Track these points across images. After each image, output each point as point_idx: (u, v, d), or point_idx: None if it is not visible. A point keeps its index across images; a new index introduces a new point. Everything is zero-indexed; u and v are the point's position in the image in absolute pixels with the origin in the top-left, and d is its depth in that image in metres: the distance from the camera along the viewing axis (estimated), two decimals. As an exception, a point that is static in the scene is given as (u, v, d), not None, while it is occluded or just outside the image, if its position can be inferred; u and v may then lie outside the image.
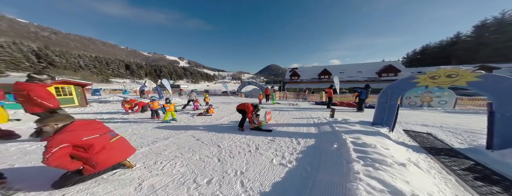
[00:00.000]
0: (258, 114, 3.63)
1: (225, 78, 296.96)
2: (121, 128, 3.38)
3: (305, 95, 12.06)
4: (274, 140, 2.79)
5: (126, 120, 4.27)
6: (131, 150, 1.73)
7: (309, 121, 4.41)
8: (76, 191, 1.29)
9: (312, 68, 28.94)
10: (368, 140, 2.23)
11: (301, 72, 27.73)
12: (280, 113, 5.75)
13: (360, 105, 6.06)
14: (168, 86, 7.59)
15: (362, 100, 5.93)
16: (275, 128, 3.65)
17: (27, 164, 1.81)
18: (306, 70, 28.33)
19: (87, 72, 70.67)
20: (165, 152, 2.16)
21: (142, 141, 2.62)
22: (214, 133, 3.17)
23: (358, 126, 3.26)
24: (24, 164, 1.80)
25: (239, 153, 2.24)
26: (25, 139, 2.68)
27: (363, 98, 5.88)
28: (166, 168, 1.72)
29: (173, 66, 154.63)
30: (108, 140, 1.54)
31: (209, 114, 5.29)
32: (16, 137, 2.68)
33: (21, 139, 2.71)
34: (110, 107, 6.96)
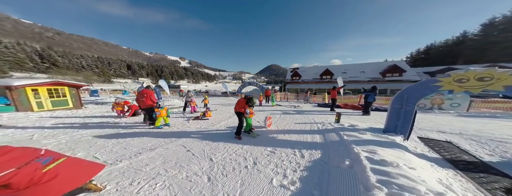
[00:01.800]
0: (251, 105, 3.25)
1: (226, 78, 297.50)
2: (105, 136, 3.11)
3: (307, 96, 11.69)
4: (274, 152, 2.47)
5: (115, 125, 4.01)
6: (91, 172, 1.40)
7: (313, 127, 4.06)
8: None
9: (313, 68, 28.52)
10: (386, 156, 1.90)
11: (302, 72, 27.28)
12: (281, 117, 5.40)
13: (366, 108, 5.70)
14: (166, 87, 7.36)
15: (369, 103, 5.57)
16: (276, 135, 3.33)
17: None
18: (308, 70, 27.85)
19: (89, 72, 71.47)
20: (146, 168, 1.87)
21: (124, 152, 2.33)
22: (208, 142, 2.86)
23: (369, 135, 2.92)
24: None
25: (234, 169, 1.94)
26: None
27: (370, 101, 5.52)
28: (143, 191, 1.43)
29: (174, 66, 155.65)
30: (37, 171, 1.17)
31: (206, 118, 5.00)
32: None
33: None
34: (105, 110, 6.74)
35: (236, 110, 3.33)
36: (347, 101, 9.73)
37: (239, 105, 3.35)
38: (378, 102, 8.46)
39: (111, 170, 1.77)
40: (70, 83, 7.34)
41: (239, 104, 3.37)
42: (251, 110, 3.30)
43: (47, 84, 6.54)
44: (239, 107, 3.26)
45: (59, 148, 2.45)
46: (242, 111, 3.20)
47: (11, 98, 5.78)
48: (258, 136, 3.23)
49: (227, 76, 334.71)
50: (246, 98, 3.37)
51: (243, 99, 3.40)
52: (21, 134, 3.14)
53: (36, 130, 3.46)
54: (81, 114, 5.63)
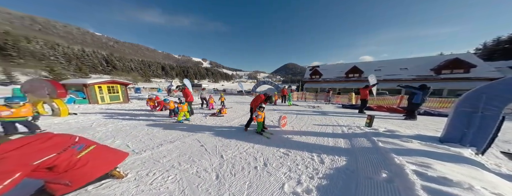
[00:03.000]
0: (263, 106, 3.15)
1: (241, 77, 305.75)
2: (139, 127, 3.64)
3: (329, 96, 10.49)
4: (288, 154, 2.26)
5: (148, 118, 4.66)
6: (116, 160, 1.52)
7: (336, 130, 3.57)
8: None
9: (337, 66, 25.39)
10: (450, 173, 1.39)
11: (323, 71, 24.67)
12: (297, 118, 5.02)
13: (411, 111, 4.56)
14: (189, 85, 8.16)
15: (416, 104, 4.42)
16: (291, 136, 3.07)
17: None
18: (330, 68, 25.01)
19: (136, 73, 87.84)
20: (163, 160, 2.02)
21: (149, 143, 2.63)
22: (221, 138, 2.91)
23: (417, 144, 2.28)
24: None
25: (243, 169, 1.86)
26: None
27: (417, 103, 4.38)
28: (156, 182, 1.54)
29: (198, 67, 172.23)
30: (74, 156, 1.28)
31: (222, 114, 5.19)
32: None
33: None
34: (143, 104, 8.02)
35: (251, 105, 3.39)
36: (382, 102, 8.16)
37: (256, 101, 3.32)
38: (428, 104, 6.69)
39: (135, 159, 2.01)
40: (121, 81, 9.09)
41: (256, 100, 3.34)
42: (259, 112, 3.12)
43: (107, 82, 8.30)
44: (255, 103, 3.20)
45: (105, 135, 3.00)
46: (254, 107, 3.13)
47: (86, 93, 7.66)
48: (271, 135, 3.06)
49: (243, 76, 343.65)
50: (265, 96, 3.35)
51: (261, 95, 3.37)
52: (86, 122, 4.06)
53: (96, 119, 4.43)
54: (126, 107, 6.88)
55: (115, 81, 8.74)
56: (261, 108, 3.12)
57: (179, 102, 4.17)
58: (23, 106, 2.82)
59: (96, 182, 1.41)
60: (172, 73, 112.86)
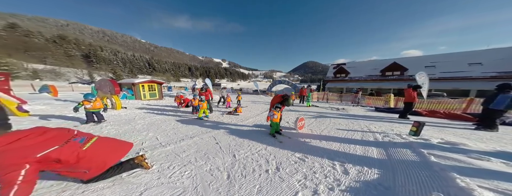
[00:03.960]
0: (279, 106, 2.98)
1: (257, 77, 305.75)
2: (167, 122, 4.14)
3: (358, 98, 9.08)
4: (304, 160, 2.07)
5: (175, 114, 5.27)
6: (123, 150, 1.57)
7: (367, 137, 3.06)
8: (94, 189, 1.40)
9: (369, 63, 21.68)
10: None
11: (351, 69, 21.55)
12: (317, 120, 4.58)
13: (490, 120, 3.36)
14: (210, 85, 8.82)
15: (498, 111, 3.23)
16: (309, 140, 2.81)
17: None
18: (360, 66, 21.60)
19: (169, 74, 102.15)
20: (183, 155, 2.20)
21: (174, 137, 2.93)
22: (235, 137, 2.96)
23: (498, 163, 1.69)
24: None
25: (254, 171, 1.82)
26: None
27: (498, 109, 3.19)
28: (175, 176, 1.68)
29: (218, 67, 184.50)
30: (79, 148, 1.28)
31: (237, 113, 5.32)
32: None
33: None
34: (172, 100, 9.23)
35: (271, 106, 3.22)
36: (438, 106, 6.42)
37: (273, 102, 3.17)
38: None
39: (160, 152, 2.27)
40: (158, 81, 10.69)
41: (273, 101, 3.19)
42: (275, 112, 2.96)
43: (148, 82, 9.94)
44: (271, 105, 3.06)
45: (142, 127, 3.55)
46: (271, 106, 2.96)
47: (134, 91, 9.44)
48: (288, 139, 2.89)
49: (258, 75, 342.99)
50: (282, 97, 3.10)
51: (279, 96, 3.15)
52: (131, 115, 4.95)
53: (138, 113, 5.36)
54: (160, 103, 8.04)
55: (154, 80, 10.35)
56: (277, 108, 2.97)
57: (200, 100, 4.52)
58: (96, 100, 3.70)
59: (129, 170, 1.66)
60: (196, 73, 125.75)
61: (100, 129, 3.29)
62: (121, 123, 3.83)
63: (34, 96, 8.20)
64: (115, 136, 2.86)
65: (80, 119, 3.88)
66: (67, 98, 8.05)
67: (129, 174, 1.63)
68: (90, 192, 1.34)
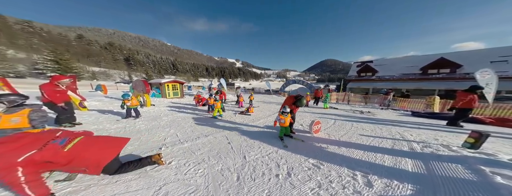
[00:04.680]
0: (288, 111, 2.79)
1: (270, 76, 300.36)
2: (186, 119, 4.47)
3: (388, 100, 7.81)
4: (319, 167, 1.93)
5: (193, 112, 5.67)
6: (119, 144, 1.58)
7: (400, 146, 2.66)
8: (124, 180, 1.55)
9: (404, 59, 18.42)
10: None
11: (379, 67, 18.69)
12: (336, 124, 4.20)
13: None
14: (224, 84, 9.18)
15: None
16: (325, 146, 2.61)
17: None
18: (391, 63, 18.56)
19: (189, 74, 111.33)
20: (197, 152, 2.34)
21: (191, 134, 3.14)
22: (246, 138, 2.98)
23: None
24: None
25: (263, 175, 1.79)
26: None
27: None
28: (189, 173, 1.79)
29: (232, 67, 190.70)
30: (60, 150, 1.27)
31: (249, 113, 5.36)
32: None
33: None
34: (192, 99, 10.01)
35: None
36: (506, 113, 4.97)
37: (285, 103, 3.04)
38: None
39: (179, 148, 2.47)
40: (180, 81, 11.77)
41: (286, 102, 3.06)
42: (282, 116, 2.80)
43: (171, 81, 11.06)
44: (283, 106, 2.94)
45: (166, 124, 3.94)
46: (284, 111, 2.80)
47: (160, 90, 10.67)
48: (301, 142, 2.75)
49: (271, 75, 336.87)
50: (295, 97, 2.93)
51: (291, 97, 3.01)
52: (158, 112, 5.57)
53: (164, 110, 6.01)
54: (181, 102, 8.83)
55: (177, 80, 11.42)
56: (284, 113, 2.81)
57: (214, 99, 4.74)
58: (132, 98, 4.33)
59: (151, 164, 1.86)
60: (212, 73, 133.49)
61: (134, 124, 3.83)
62: (150, 119, 4.37)
63: (91, 94, 10.23)
64: (145, 131, 3.28)
65: (122, 114, 4.61)
66: (113, 96, 9.69)
67: (152, 168, 1.83)
68: (121, 182, 1.55)
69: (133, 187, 1.47)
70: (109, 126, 3.59)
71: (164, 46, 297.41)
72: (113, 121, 3.95)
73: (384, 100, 7.95)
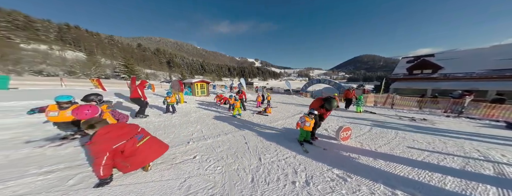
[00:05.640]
0: (315, 113, 2.54)
1: (290, 75, 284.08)
2: (210, 117, 4.86)
3: (463, 105, 5.69)
4: (346, 179, 1.70)
5: (216, 110, 6.17)
6: (161, 151, 1.74)
7: (477, 167, 2.03)
8: (160, 169, 1.79)
9: (493, 50, 12.86)
10: None
11: (445, 61, 13.94)
12: (372, 132, 3.56)
13: None
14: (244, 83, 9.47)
15: None
16: (356, 156, 2.27)
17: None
18: (468, 56, 13.51)
19: (214, 74, 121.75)
20: (217, 150, 2.50)
21: (213, 132, 3.41)
22: (262, 139, 2.97)
23: None
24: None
25: (278, 180, 1.73)
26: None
27: None
28: (210, 169, 1.95)
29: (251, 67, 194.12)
30: (135, 145, 1.52)
31: (266, 114, 5.31)
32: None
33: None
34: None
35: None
36: None
37: (313, 106, 2.78)
38: None
39: (203, 144, 2.71)
40: (206, 81, 13.04)
41: (313, 105, 2.80)
42: (307, 119, 2.57)
43: (200, 81, 12.41)
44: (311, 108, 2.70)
45: (194, 120, 4.44)
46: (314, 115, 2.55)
47: (191, 89, 12.20)
48: (323, 150, 2.50)
49: (291, 74, 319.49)
50: (323, 99, 2.65)
51: (319, 99, 2.74)
52: (189, 108, 6.37)
53: (193, 107, 6.83)
54: (207, 100, 9.74)
55: (204, 80, 12.71)
56: (311, 114, 2.58)
57: (234, 99, 4.97)
58: (172, 96, 5.18)
59: (179, 159, 2.14)
60: (234, 73, 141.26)
61: (171, 118, 4.55)
62: (182, 115, 5.08)
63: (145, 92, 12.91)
64: (178, 125, 3.84)
65: (163, 109, 5.49)
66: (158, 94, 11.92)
67: (182, 160, 2.12)
68: (158, 171, 1.83)
69: (166, 176, 1.73)
70: (154, 119, 4.41)
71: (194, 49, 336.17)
72: (157, 115, 4.84)
73: (455, 105, 5.92)
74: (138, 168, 1.61)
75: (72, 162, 1.92)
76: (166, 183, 1.61)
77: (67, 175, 1.66)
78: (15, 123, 3.18)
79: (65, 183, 1.53)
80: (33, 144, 2.35)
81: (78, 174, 1.67)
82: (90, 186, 1.47)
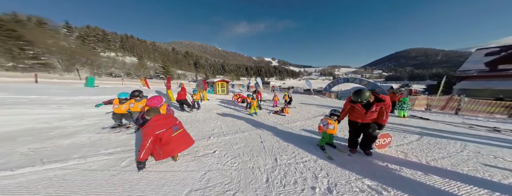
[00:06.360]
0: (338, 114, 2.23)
1: (311, 74, 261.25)
2: (229, 114, 5.08)
3: None
4: (380, 192, 1.46)
5: (234, 108, 6.45)
6: (188, 144, 1.92)
7: None
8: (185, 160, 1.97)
9: None
10: None
11: None
12: (422, 141, 2.92)
13: None
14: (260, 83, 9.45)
15: None
16: (395, 168, 1.91)
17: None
18: None
19: (233, 74, 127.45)
20: (235, 147, 2.58)
21: (231, 128, 3.55)
22: (279, 139, 2.87)
23: None
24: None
25: (295, 183, 1.64)
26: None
27: None
28: (227, 164, 2.03)
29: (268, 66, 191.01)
30: (170, 135, 1.71)
31: (283, 114, 5.11)
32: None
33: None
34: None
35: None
36: None
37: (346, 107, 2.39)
38: None
39: (222, 140, 2.86)
40: (226, 80, 13.80)
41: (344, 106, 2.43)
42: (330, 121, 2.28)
43: (221, 81, 13.26)
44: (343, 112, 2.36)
45: (215, 117, 4.76)
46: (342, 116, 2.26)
47: (213, 87, 13.22)
48: (348, 156, 2.22)
49: (312, 72, 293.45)
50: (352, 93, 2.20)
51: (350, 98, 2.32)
52: (210, 105, 6.89)
53: (214, 104, 7.37)
54: (226, 98, 10.29)
55: (224, 80, 13.49)
56: (333, 116, 2.30)
57: (252, 98, 5.02)
58: (197, 93, 5.78)
59: (201, 152, 2.32)
60: (251, 73, 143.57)
61: (196, 114, 5.06)
62: (205, 111, 5.56)
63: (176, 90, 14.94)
64: (202, 120, 4.22)
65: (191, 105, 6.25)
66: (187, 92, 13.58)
67: (204, 154, 2.30)
68: (185, 160, 2.05)
69: (190, 167, 1.91)
70: (182, 114, 5.02)
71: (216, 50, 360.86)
72: (184, 111, 5.49)
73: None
74: (167, 156, 1.81)
75: (125, 147, 2.42)
76: (190, 174, 1.78)
77: (122, 157, 2.09)
78: (96, 113, 4.29)
79: (119, 164, 1.92)
80: (105, 130, 3.09)
81: (128, 158, 2.07)
82: (135, 170, 1.79)
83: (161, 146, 1.72)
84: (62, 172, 1.73)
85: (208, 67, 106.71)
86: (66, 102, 5.28)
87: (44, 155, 2.08)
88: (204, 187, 1.58)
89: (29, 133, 2.86)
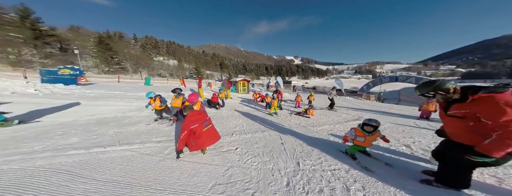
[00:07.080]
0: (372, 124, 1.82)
1: (342, 72, 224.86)
2: (249, 113, 5.20)
3: None
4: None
5: (254, 107, 6.53)
6: (216, 139, 2.11)
7: None
8: (212, 154, 2.17)
9: None
10: None
11: None
12: None
13: None
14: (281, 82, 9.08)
15: None
16: (471, 192, 1.41)
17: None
18: None
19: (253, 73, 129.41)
20: (254, 146, 2.60)
21: (251, 128, 3.61)
22: (302, 142, 2.69)
23: None
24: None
25: (321, 191, 1.51)
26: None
27: None
28: (247, 163, 2.07)
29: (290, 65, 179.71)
30: (201, 129, 1.91)
31: (307, 115, 4.71)
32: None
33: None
34: (255, 94, 11.55)
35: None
36: None
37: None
38: None
39: (243, 138, 2.94)
40: (247, 79, 14.22)
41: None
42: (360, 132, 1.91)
43: (242, 80, 13.80)
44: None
45: (237, 115, 5.03)
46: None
47: (236, 86, 13.98)
48: (390, 167, 1.87)
49: (344, 70, 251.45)
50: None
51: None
52: (233, 103, 7.30)
53: (236, 103, 7.74)
54: (246, 97, 10.60)
55: (245, 79, 13.96)
56: (368, 126, 1.88)
57: (272, 98, 4.92)
58: (222, 92, 6.29)
59: (225, 148, 2.49)
60: (271, 72, 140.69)
61: (220, 111, 5.49)
62: (229, 109, 5.95)
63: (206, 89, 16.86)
64: (226, 118, 4.54)
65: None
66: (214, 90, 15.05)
67: (227, 150, 2.45)
68: (211, 154, 2.24)
69: (215, 161, 2.08)
70: (209, 111, 5.58)
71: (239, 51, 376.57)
72: (212, 108, 6.09)
73: None
74: (198, 149, 2.03)
75: (168, 137, 2.94)
76: (215, 167, 1.94)
77: (165, 146, 2.53)
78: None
79: (164, 151, 2.33)
80: (158, 122, 3.89)
81: (170, 147, 2.49)
82: (174, 158, 2.11)
83: (195, 139, 1.94)
84: (130, 153, 2.28)
85: (231, 67, 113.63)
86: (133, 97, 7.05)
87: (121, 138, 2.85)
88: (227, 182, 1.68)
89: (114, 119, 4.00)
